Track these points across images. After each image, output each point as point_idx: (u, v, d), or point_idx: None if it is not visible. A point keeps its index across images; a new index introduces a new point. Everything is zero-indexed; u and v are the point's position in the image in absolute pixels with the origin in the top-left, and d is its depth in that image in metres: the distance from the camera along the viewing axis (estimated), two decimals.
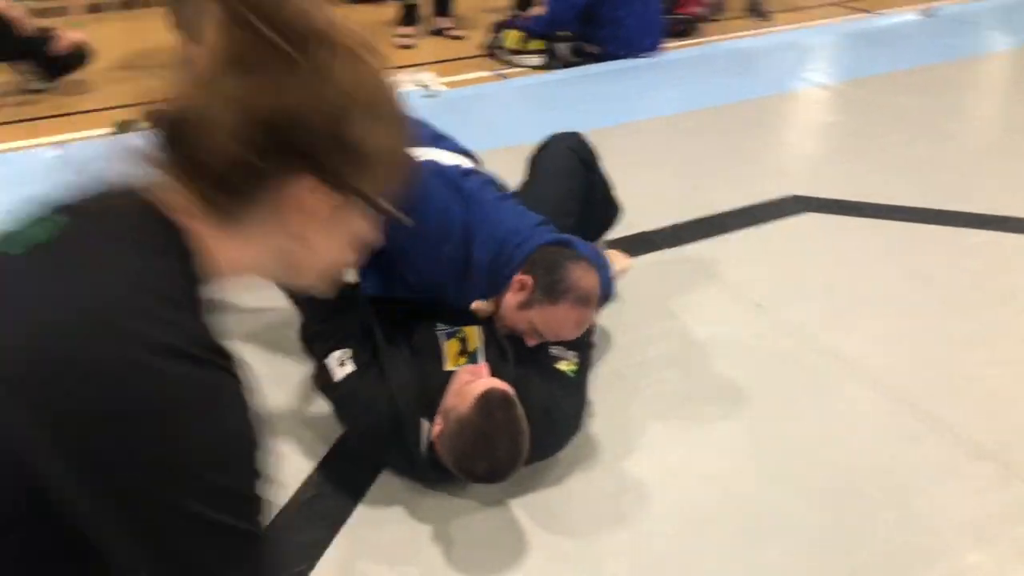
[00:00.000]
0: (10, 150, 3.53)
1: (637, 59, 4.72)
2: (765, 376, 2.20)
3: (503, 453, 1.58)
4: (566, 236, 1.99)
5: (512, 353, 1.86)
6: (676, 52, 4.95)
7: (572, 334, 1.88)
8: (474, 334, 1.89)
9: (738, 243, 2.87)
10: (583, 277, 1.83)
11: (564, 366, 1.87)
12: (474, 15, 5.57)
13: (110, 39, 4.76)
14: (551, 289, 1.81)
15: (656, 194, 3.14)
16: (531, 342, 1.87)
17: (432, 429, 1.67)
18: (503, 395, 1.59)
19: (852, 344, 2.32)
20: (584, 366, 1.92)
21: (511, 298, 1.85)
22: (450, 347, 1.88)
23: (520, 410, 1.60)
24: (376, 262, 1.80)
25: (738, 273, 2.67)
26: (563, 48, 4.72)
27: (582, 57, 4.77)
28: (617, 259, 2.49)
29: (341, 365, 1.78)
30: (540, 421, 1.71)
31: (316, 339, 1.87)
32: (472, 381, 1.65)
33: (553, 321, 1.83)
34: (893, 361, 2.26)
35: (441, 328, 1.91)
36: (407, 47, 5.12)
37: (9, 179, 2.76)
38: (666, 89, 4.38)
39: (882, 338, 2.36)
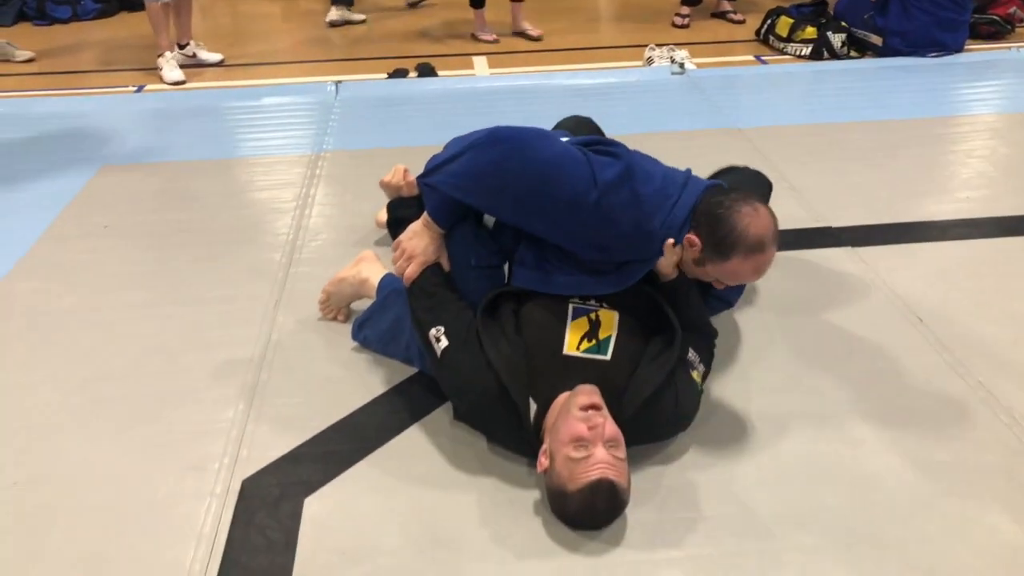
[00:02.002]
0: None
1: (924, 58, 4.34)
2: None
3: (595, 527, 1.63)
4: (724, 182, 1.97)
5: (648, 347, 1.84)
6: (976, 54, 4.47)
7: (754, 279, 1.88)
8: (611, 319, 1.83)
9: (922, 254, 2.61)
10: (750, 224, 1.76)
11: (695, 375, 1.84)
12: (761, 1, 5.46)
13: None
14: (719, 246, 1.78)
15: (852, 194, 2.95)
16: (718, 286, 1.90)
17: (540, 459, 1.66)
18: (609, 487, 1.56)
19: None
20: (705, 376, 1.89)
21: (686, 256, 1.85)
22: (576, 327, 1.81)
23: (624, 494, 1.60)
24: (533, 255, 1.91)
25: (912, 284, 2.44)
26: (836, 39, 4.46)
27: (857, 49, 4.49)
28: None
29: (437, 341, 1.82)
30: (671, 415, 1.79)
31: (416, 315, 1.91)
32: (582, 449, 1.57)
33: (729, 274, 1.83)
34: None
35: (576, 303, 1.86)
36: (683, 26, 5.17)
37: None
38: (933, 92, 3.99)
39: None
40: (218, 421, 1.96)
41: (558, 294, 1.87)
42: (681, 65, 4.27)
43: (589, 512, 1.59)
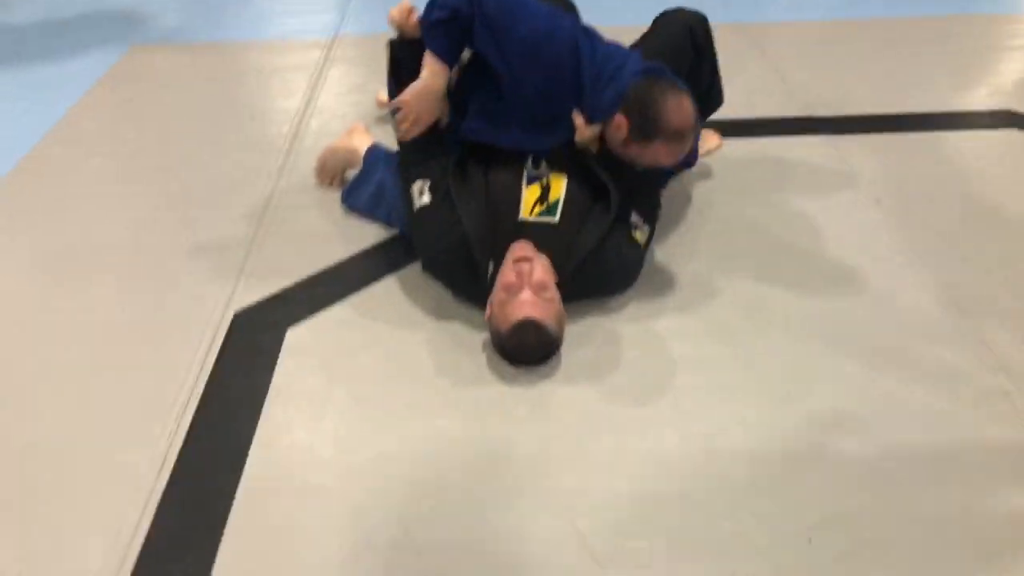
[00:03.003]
0: None
1: None
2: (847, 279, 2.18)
3: (534, 358, 1.83)
4: (658, 65, 2.06)
5: (594, 209, 1.99)
6: None
7: (669, 163, 2.02)
8: (559, 184, 2.00)
9: (896, 144, 2.71)
10: (675, 112, 1.89)
11: (638, 235, 2.02)
12: None
13: None
14: (644, 129, 1.93)
15: (836, 88, 3.03)
16: (635, 166, 2.03)
17: (487, 310, 1.87)
18: (533, 324, 1.75)
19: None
20: (649, 242, 2.06)
21: (610, 135, 2.01)
22: (530, 193, 1.99)
23: (550, 330, 1.78)
24: (483, 107, 2.06)
25: (874, 171, 2.56)
26: None
27: None
28: (707, 137, 2.55)
29: (420, 195, 2.01)
30: (615, 268, 1.98)
31: (405, 169, 2.09)
32: (512, 293, 1.79)
33: (649, 157, 1.98)
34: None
35: (529, 169, 2.03)
36: None
37: None
38: None
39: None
40: (218, 265, 2.20)
41: (507, 148, 2.06)
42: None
43: (519, 347, 1.81)
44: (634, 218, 2.02)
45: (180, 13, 3.97)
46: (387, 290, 2.11)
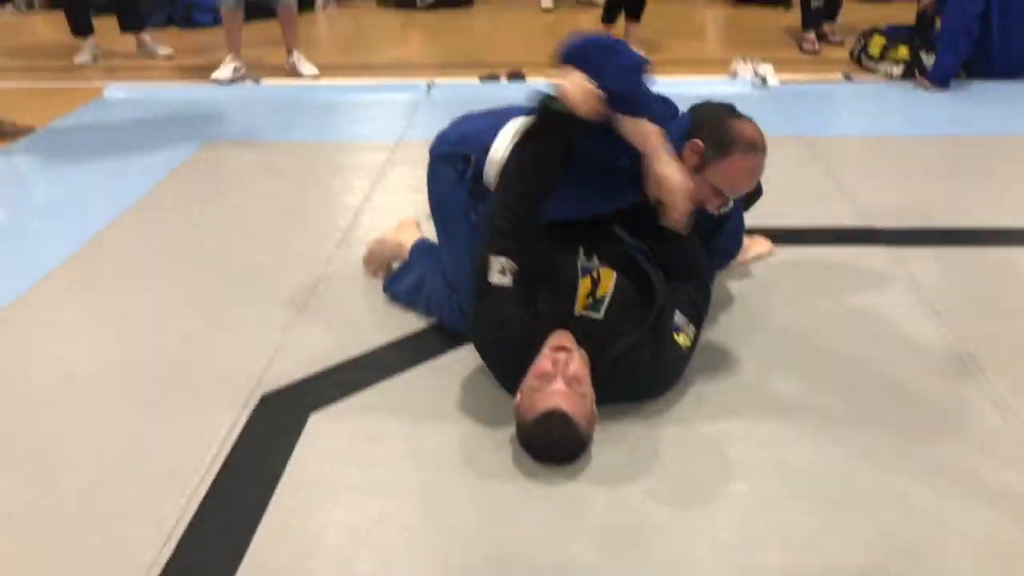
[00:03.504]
0: None
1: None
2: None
3: (556, 456, 1.72)
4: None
5: (638, 308, 1.91)
6: None
7: (749, 184, 1.98)
8: (609, 279, 1.93)
9: (959, 257, 2.59)
10: (746, 123, 1.94)
11: (682, 338, 1.92)
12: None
13: None
14: (720, 143, 1.89)
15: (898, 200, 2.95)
16: (713, 205, 1.96)
17: (516, 397, 1.77)
18: (562, 417, 1.66)
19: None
20: (695, 344, 1.96)
21: (687, 165, 1.92)
22: (583, 285, 1.91)
23: (583, 424, 1.69)
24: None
25: (936, 282, 2.43)
26: (928, 59, 4.39)
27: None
28: (757, 243, 2.50)
29: (501, 273, 1.82)
30: (651, 371, 1.88)
31: (493, 237, 1.87)
32: (544, 383, 1.70)
33: (729, 173, 1.91)
34: None
35: (582, 260, 1.97)
36: (814, 52, 5.11)
37: None
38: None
39: None
40: (253, 346, 2.20)
41: (577, 217, 2.02)
42: (763, 79, 4.31)
43: (544, 440, 1.71)
44: (678, 319, 1.93)
45: (256, 116, 4.17)
46: (417, 378, 2.07)
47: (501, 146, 2.03)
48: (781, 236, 2.65)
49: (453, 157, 2.14)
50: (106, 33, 5.68)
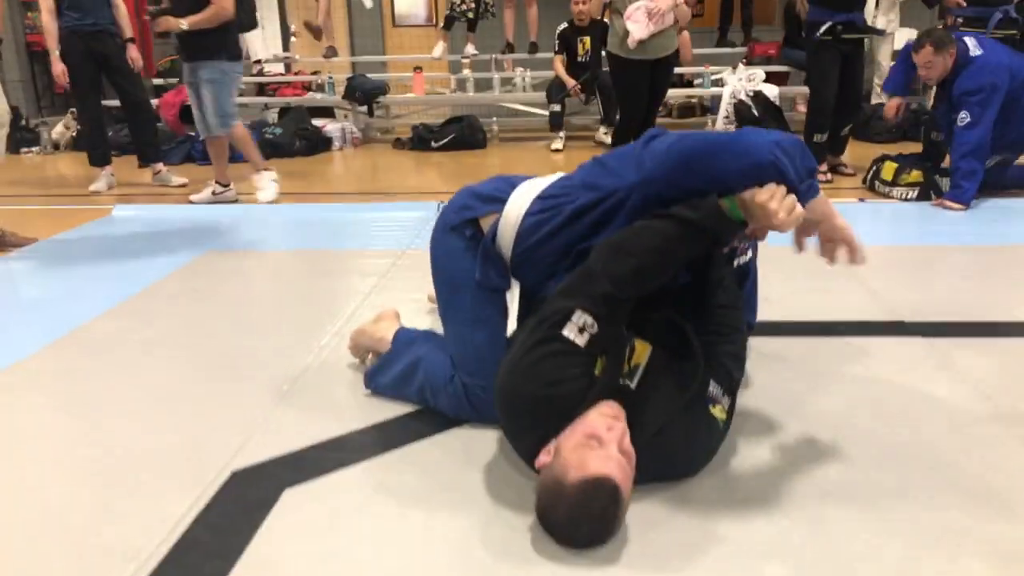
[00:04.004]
0: None
1: None
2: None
3: (584, 536, 1.50)
4: None
5: (675, 380, 1.71)
6: None
7: None
8: (644, 351, 1.73)
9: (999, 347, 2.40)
10: None
11: (717, 411, 1.74)
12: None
13: None
14: None
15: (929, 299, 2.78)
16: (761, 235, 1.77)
17: (541, 455, 1.58)
18: (610, 489, 1.45)
19: None
20: (730, 417, 1.78)
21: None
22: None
23: (622, 505, 1.49)
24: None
25: (978, 368, 2.23)
26: (944, 182, 4.35)
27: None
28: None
29: (580, 331, 1.60)
30: (680, 449, 1.69)
31: (599, 298, 1.64)
32: (598, 444, 1.50)
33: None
34: None
35: (628, 333, 1.74)
36: (826, 182, 5.07)
37: None
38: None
39: None
40: (229, 426, 2.01)
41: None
42: None
43: (582, 511, 1.45)
44: (713, 390, 1.73)
45: (264, 231, 4.12)
46: (400, 459, 1.86)
47: (518, 206, 1.91)
48: (802, 328, 2.47)
49: (460, 225, 2.02)
50: (124, 168, 5.80)
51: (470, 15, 7.48)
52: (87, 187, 5.39)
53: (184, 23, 4.39)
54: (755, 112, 6.39)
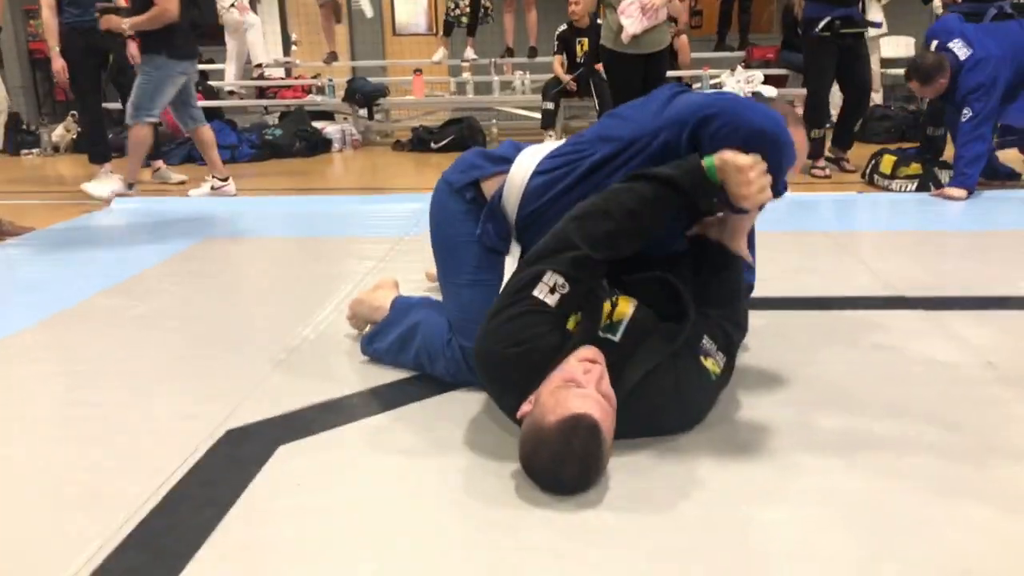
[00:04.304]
0: None
1: None
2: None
3: (568, 474, 1.47)
4: None
5: (661, 335, 1.70)
6: None
7: (800, 154, 1.82)
8: (627, 306, 1.72)
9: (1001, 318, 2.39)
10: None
11: (710, 363, 1.72)
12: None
13: None
14: None
15: (927, 276, 2.77)
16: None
17: (523, 406, 1.57)
18: (590, 425, 1.45)
19: None
20: (726, 374, 1.76)
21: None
22: (604, 308, 1.71)
23: (605, 442, 1.48)
24: None
25: (980, 337, 2.21)
26: (943, 175, 4.35)
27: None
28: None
29: (550, 291, 1.60)
30: (672, 399, 1.66)
31: (551, 257, 1.64)
32: (575, 386, 1.50)
33: None
34: None
35: (604, 288, 1.76)
36: (826, 177, 5.09)
37: None
38: None
39: None
40: (224, 391, 1.99)
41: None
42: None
43: (562, 450, 1.44)
44: (707, 344, 1.71)
45: (263, 221, 4.11)
46: (395, 420, 1.84)
47: (524, 166, 1.89)
48: (804, 303, 2.46)
49: (462, 188, 2.00)
50: (123, 168, 5.79)
51: (464, 20, 7.51)
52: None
53: (126, 24, 4.38)
54: None
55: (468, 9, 7.46)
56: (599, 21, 5.07)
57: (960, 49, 4.11)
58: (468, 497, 1.52)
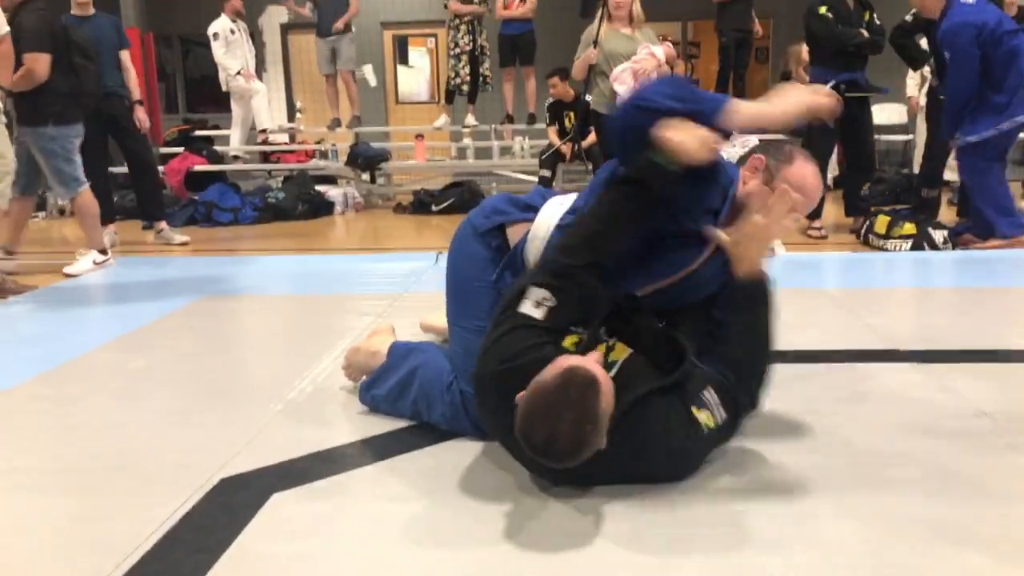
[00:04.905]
0: None
1: None
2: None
3: (563, 431, 1.47)
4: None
5: (651, 377, 1.70)
6: None
7: (815, 189, 1.86)
8: (623, 351, 1.74)
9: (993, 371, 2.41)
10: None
11: (704, 416, 1.70)
12: None
13: None
14: (781, 152, 1.85)
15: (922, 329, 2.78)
16: (791, 220, 1.80)
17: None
18: (587, 376, 1.48)
19: None
20: (724, 431, 1.73)
21: (753, 183, 1.83)
22: (597, 349, 1.72)
23: (601, 400, 1.48)
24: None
25: (973, 389, 2.21)
26: (937, 235, 4.40)
27: (959, 244, 4.40)
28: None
29: (536, 305, 1.64)
30: (654, 439, 1.64)
31: (543, 272, 1.71)
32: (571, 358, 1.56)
33: (798, 175, 1.82)
34: None
35: (602, 336, 1.78)
36: (821, 237, 5.11)
37: None
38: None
39: None
40: (221, 443, 1.99)
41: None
42: (772, 249, 4.29)
43: (560, 397, 1.45)
44: (707, 395, 1.70)
45: (265, 279, 4.15)
46: (390, 469, 1.85)
47: (548, 217, 1.92)
48: (799, 356, 2.47)
49: (488, 232, 2.01)
50: (127, 230, 5.88)
51: (464, 88, 7.68)
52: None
53: (5, 83, 4.12)
54: None
55: (468, 78, 7.64)
56: (587, 97, 5.15)
57: None
58: (461, 545, 1.51)
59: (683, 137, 1.66)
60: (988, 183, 4.32)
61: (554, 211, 1.94)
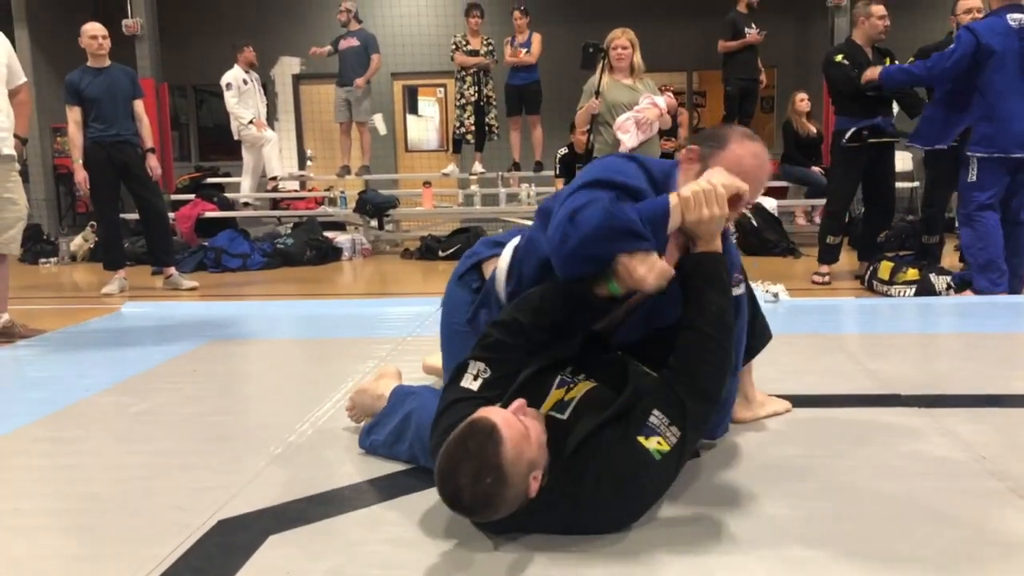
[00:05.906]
0: None
1: None
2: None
3: (464, 485, 1.48)
4: None
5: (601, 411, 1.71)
6: None
7: (758, 170, 1.81)
8: (582, 388, 1.77)
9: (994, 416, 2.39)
10: (736, 127, 1.87)
11: (653, 443, 1.63)
12: None
13: None
14: (713, 139, 1.83)
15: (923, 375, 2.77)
16: (735, 212, 1.77)
17: None
18: (486, 426, 1.50)
19: None
20: (678, 449, 1.66)
21: (685, 176, 1.81)
22: (555, 394, 1.77)
23: (505, 449, 1.48)
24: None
25: (973, 434, 2.21)
26: (939, 281, 4.41)
27: (962, 287, 4.40)
28: (774, 402, 2.41)
29: (475, 378, 1.74)
30: (604, 473, 1.61)
31: (482, 349, 1.80)
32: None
33: (733, 160, 1.78)
34: None
35: (564, 375, 1.81)
36: (825, 284, 5.11)
37: None
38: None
39: None
40: (218, 485, 2.01)
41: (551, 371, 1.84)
42: (775, 295, 4.32)
43: (460, 448, 1.49)
44: (654, 419, 1.64)
45: (270, 324, 4.18)
46: (388, 510, 1.85)
47: (512, 246, 1.99)
48: (801, 400, 2.47)
49: (466, 273, 2.07)
50: (137, 275, 5.94)
51: (469, 137, 7.81)
52: (100, 291, 5.51)
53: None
54: (754, 223, 6.54)
55: (472, 128, 7.77)
56: (592, 144, 5.23)
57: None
58: None
59: (644, 272, 1.68)
60: (975, 234, 4.26)
61: (517, 241, 1.98)
